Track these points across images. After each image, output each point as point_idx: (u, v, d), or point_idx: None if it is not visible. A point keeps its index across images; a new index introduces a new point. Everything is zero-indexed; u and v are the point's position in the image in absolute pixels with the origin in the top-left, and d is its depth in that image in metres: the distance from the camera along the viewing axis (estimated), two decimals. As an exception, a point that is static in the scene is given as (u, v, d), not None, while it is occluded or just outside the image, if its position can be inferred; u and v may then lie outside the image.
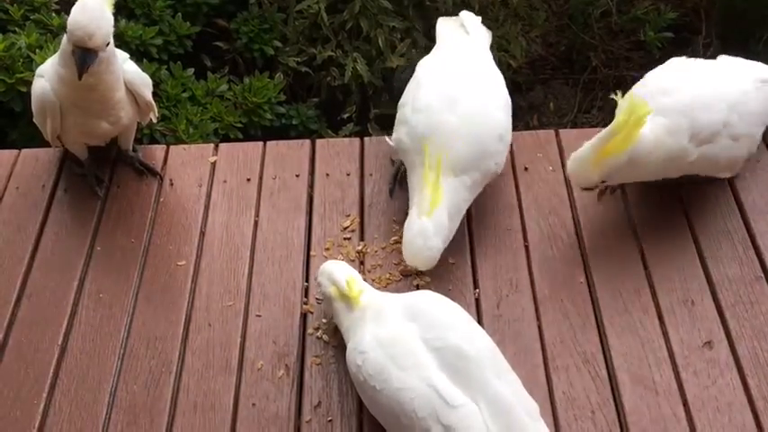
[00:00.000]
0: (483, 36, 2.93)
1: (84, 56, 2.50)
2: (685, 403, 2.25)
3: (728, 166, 2.64)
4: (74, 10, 2.52)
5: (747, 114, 2.57)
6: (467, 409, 1.98)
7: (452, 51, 2.83)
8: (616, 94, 2.42)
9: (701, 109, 2.50)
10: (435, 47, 2.92)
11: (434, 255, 2.46)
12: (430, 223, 2.42)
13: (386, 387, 2.06)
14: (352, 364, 2.17)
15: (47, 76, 2.69)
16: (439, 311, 2.18)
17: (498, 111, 2.64)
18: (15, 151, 3.03)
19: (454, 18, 3.00)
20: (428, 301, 2.23)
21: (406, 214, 2.54)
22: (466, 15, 2.98)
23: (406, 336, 2.11)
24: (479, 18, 3.00)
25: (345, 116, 4.11)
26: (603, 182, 2.50)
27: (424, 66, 2.80)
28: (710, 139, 2.50)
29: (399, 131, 2.65)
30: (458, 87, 2.64)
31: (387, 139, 2.74)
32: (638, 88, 2.58)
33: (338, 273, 2.31)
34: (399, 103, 2.74)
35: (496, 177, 2.68)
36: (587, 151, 2.44)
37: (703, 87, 2.55)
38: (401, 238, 2.53)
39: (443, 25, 2.98)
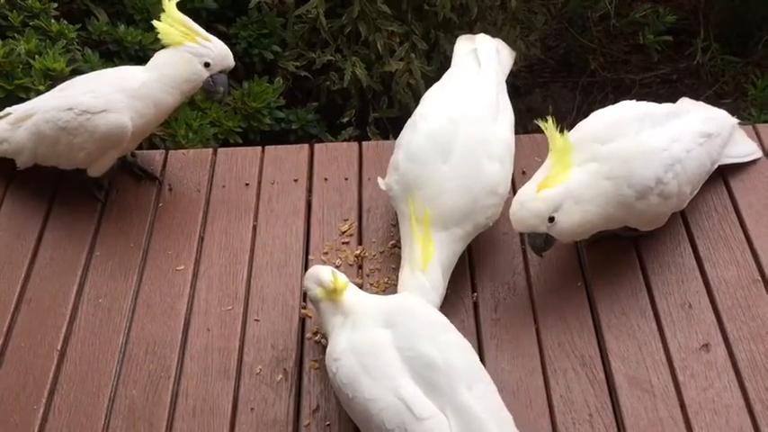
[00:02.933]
0: (497, 66, 2.76)
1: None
2: (683, 406, 2.25)
3: (648, 223, 2.55)
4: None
5: (683, 174, 2.47)
6: (434, 421, 1.97)
7: (458, 88, 2.68)
8: (546, 122, 2.31)
9: (638, 162, 2.41)
10: (446, 73, 2.79)
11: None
12: (425, 280, 2.34)
13: (357, 396, 2.06)
14: (328, 370, 2.18)
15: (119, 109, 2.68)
16: (415, 319, 2.16)
17: (494, 162, 2.51)
18: (15, 157, 3.04)
19: (473, 38, 2.87)
20: (406, 307, 2.20)
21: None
22: (482, 41, 2.85)
23: (379, 344, 2.10)
24: (496, 42, 2.86)
25: (345, 120, 4.12)
26: (552, 219, 2.34)
27: (426, 102, 2.68)
28: (642, 195, 2.42)
29: (391, 177, 2.56)
30: (454, 134, 2.50)
31: (379, 180, 2.66)
32: (576, 132, 2.48)
33: (323, 273, 2.28)
34: (396, 142, 2.63)
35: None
36: (529, 188, 2.36)
37: (643, 140, 2.45)
38: (399, 242, 2.53)
39: (459, 48, 2.85)
